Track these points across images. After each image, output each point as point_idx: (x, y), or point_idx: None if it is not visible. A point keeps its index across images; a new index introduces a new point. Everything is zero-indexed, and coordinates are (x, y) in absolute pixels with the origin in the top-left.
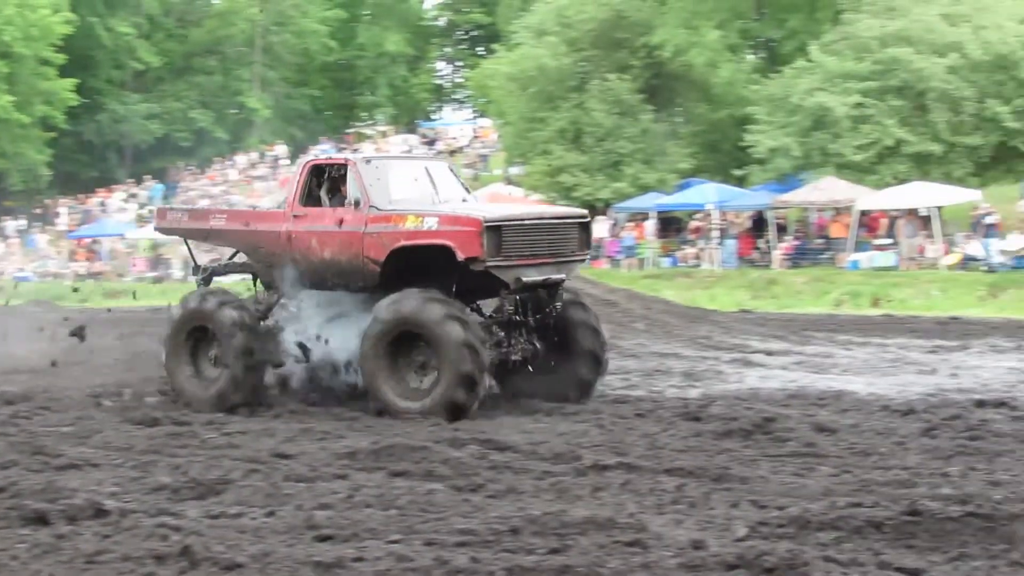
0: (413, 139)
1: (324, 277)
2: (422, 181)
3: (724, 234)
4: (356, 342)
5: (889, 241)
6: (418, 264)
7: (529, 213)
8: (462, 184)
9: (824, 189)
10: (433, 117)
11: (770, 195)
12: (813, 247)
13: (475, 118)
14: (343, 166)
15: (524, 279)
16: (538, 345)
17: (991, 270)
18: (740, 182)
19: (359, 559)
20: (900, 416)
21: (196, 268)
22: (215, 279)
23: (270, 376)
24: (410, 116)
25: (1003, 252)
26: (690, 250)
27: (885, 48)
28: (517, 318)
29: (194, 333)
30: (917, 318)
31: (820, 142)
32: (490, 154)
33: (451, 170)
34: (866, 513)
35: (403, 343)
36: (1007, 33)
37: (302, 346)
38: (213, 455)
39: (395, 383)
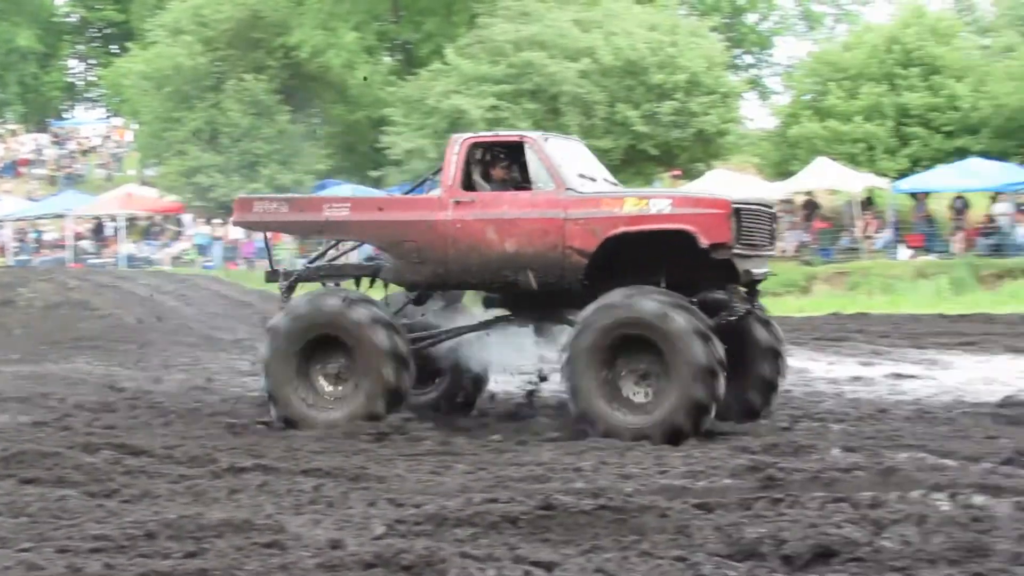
0: (44, 138)
1: (500, 274)
2: (586, 161)
3: None
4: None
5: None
6: (622, 256)
7: (753, 198)
8: (602, 165)
9: None
10: (65, 116)
11: None
12: None
13: (108, 117)
14: (517, 145)
15: (754, 272)
16: None
17: None
18: (377, 183)
19: None
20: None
21: (275, 273)
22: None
23: None
24: (41, 114)
25: None
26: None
27: (519, 52)
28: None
29: (313, 343)
30: None
31: None
32: (124, 154)
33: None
34: (501, 509)
35: (617, 352)
36: (637, 40)
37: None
38: None
39: (616, 400)
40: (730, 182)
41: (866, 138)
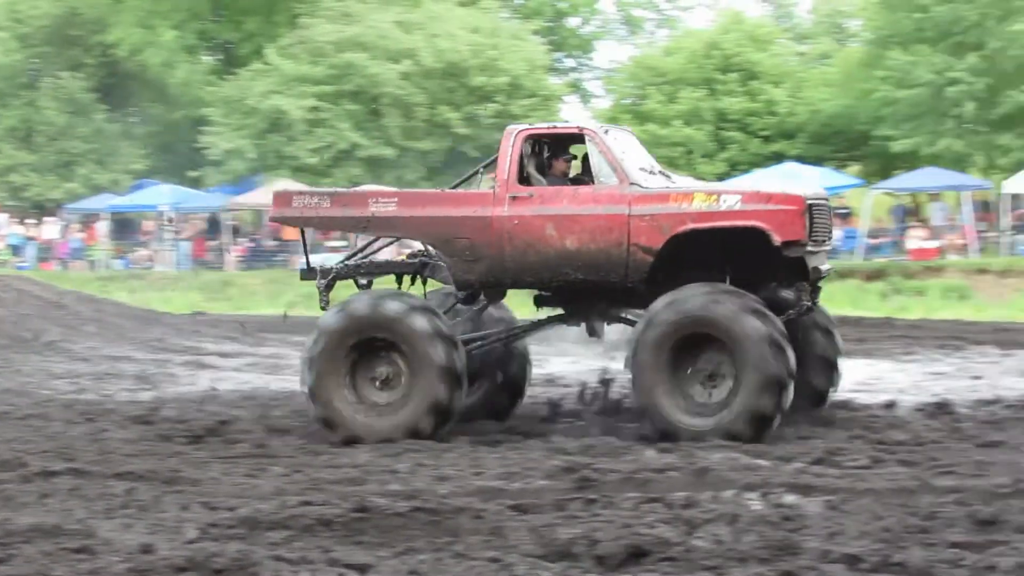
0: None
1: (559, 272)
2: (641, 153)
3: (178, 236)
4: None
5: (344, 244)
6: (684, 253)
7: (816, 192)
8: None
9: None
10: None
11: (225, 197)
12: (267, 249)
13: None
14: (575, 136)
15: (820, 269)
16: None
17: None
18: (195, 183)
19: None
20: None
21: (310, 270)
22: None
23: None
24: None
25: None
26: (143, 252)
27: (341, 53)
28: None
29: (358, 346)
30: None
31: (276, 144)
32: None
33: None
34: (316, 511)
35: (684, 350)
36: (459, 42)
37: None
38: None
39: (679, 398)
40: None
41: (685, 142)
